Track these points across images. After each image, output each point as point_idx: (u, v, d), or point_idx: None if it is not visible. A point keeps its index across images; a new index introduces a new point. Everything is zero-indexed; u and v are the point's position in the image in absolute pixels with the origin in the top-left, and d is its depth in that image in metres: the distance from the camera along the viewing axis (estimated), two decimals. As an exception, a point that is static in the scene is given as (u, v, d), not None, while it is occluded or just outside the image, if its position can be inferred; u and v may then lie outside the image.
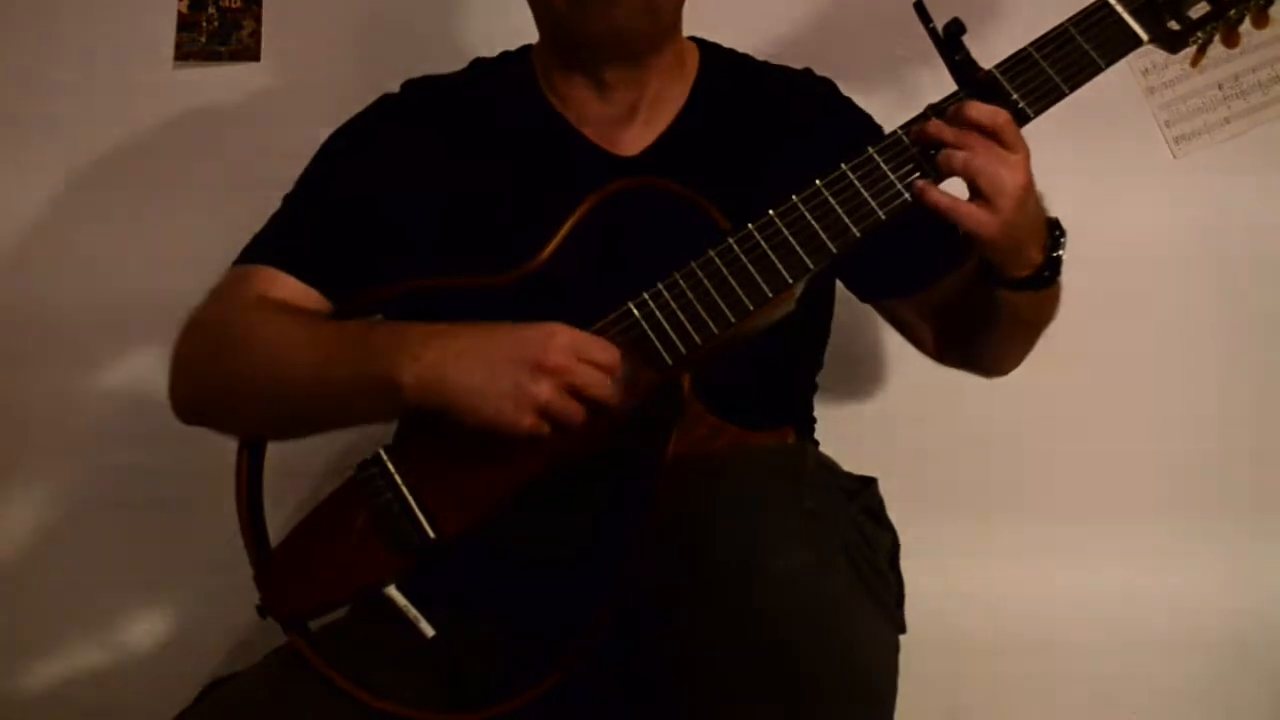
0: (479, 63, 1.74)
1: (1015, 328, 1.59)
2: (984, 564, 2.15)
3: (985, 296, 1.51)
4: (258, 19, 2.19)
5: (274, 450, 1.55)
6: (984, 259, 1.44)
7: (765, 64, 1.74)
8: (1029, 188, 1.38)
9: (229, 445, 1.55)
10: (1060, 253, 1.45)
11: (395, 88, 1.71)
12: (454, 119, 1.65)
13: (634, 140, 1.63)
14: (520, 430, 1.34)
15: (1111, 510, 2.16)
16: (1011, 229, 1.38)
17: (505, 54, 1.74)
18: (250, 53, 2.20)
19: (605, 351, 1.37)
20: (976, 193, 1.36)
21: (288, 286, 1.55)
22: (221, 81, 2.21)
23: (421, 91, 1.69)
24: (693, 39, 1.72)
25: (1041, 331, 1.62)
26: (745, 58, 1.74)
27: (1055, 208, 1.96)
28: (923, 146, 1.38)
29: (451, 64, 1.74)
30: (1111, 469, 2.16)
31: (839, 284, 1.75)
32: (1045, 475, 2.15)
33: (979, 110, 1.36)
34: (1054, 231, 1.45)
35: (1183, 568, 2.17)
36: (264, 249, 1.60)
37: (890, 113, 1.46)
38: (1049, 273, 1.45)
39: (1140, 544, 2.17)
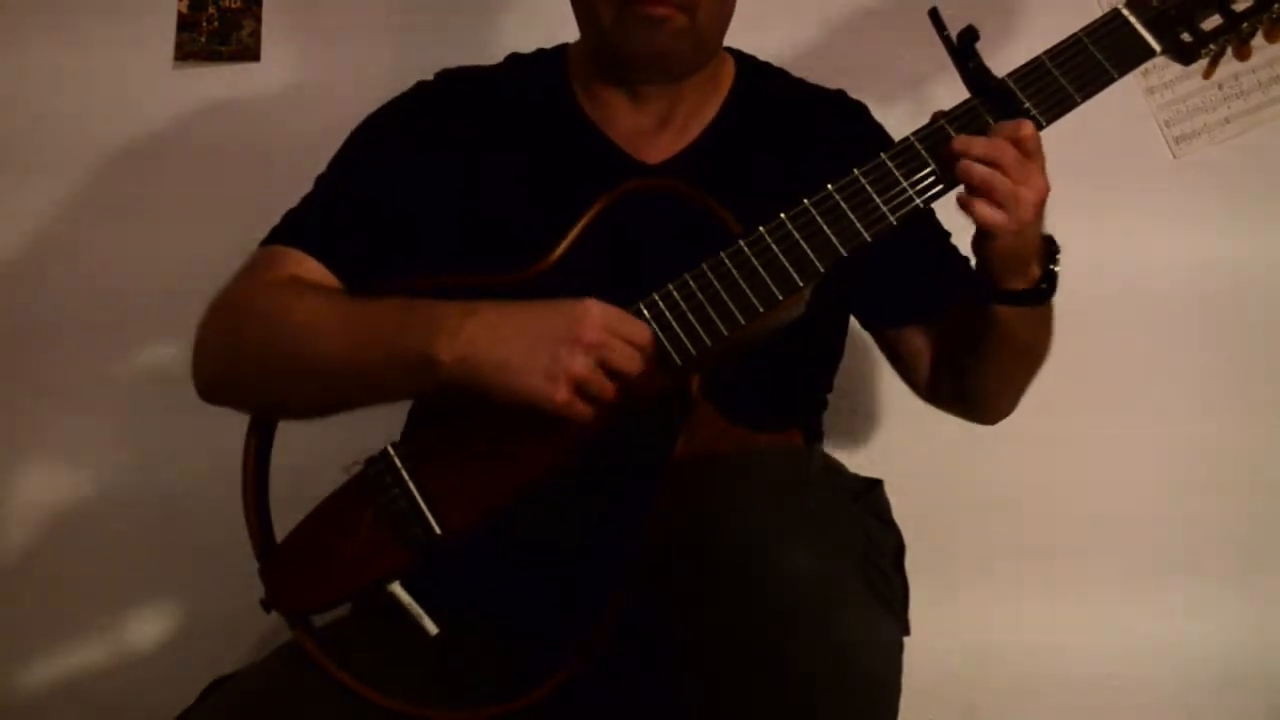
0: (514, 58, 1.74)
1: (1010, 354, 1.57)
2: (990, 565, 2.16)
3: (982, 317, 1.52)
4: (258, 19, 2.19)
5: (281, 446, 1.55)
6: (986, 269, 1.45)
7: (800, 81, 1.75)
8: (1044, 197, 1.41)
9: (232, 444, 1.55)
10: (1056, 268, 1.47)
11: (395, 88, 1.70)
12: (485, 114, 1.65)
13: (661, 148, 1.64)
14: (554, 404, 1.33)
15: (1112, 509, 2.17)
16: (1022, 234, 1.40)
17: (541, 51, 1.74)
18: (250, 53, 2.20)
19: (638, 328, 1.37)
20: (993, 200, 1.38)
21: (313, 270, 1.55)
22: (221, 81, 2.21)
23: (456, 83, 1.69)
24: (729, 50, 1.72)
25: (1035, 365, 1.62)
26: (781, 73, 1.75)
27: (1055, 208, 1.97)
28: (935, 152, 1.39)
29: (451, 63, 1.73)
30: (1113, 469, 2.17)
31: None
32: (1047, 476, 2.16)
33: (1003, 126, 1.38)
34: (1050, 247, 1.47)
35: (1187, 572, 2.19)
36: (292, 231, 1.60)
37: (905, 120, 1.46)
38: (1046, 285, 1.46)
39: (1143, 549, 2.19)
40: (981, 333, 1.54)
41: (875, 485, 1.58)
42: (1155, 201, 2.14)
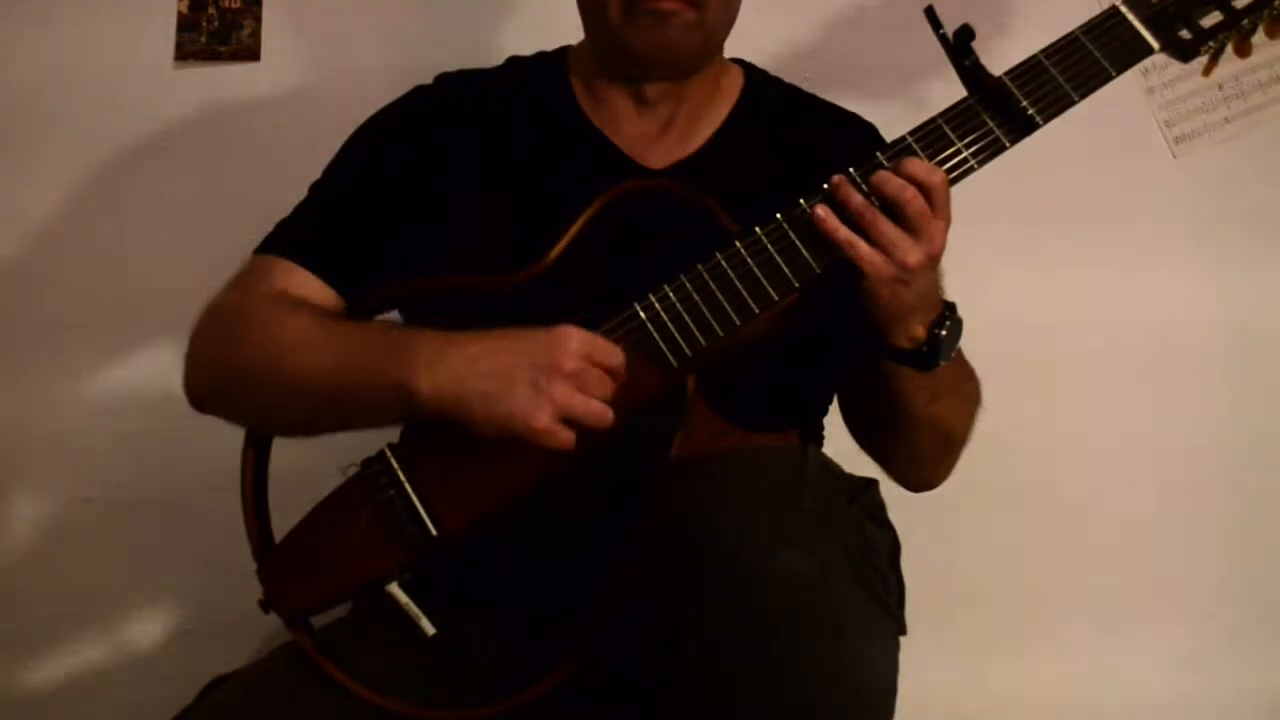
0: (514, 61, 1.73)
1: (912, 422, 1.55)
2: (986, 563, 2.17)
3: (874, 371, 1.50)
4: (258, 19, 2.19)
5: (280, 447, 1.55)
6: (868, 315, 1.43)
7: (811, 96, 1.74)
8: (937, 257, 1.40)
9: (232, 444, 1.56)
10: (943, 334, 1.44)
11: (395, 88, 1.70)
12: (484, 118, 1.65)
13: (664, 154, 1.63)
14: (535, 433, 1.33)
15: (1110, 500, 2.18)
16: (896, 289, 1.39)
17: (541, 54, 1.73)
18: (250, 53, 2.19)
19: (614, 354, 1.37)
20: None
21: (304, 282, 1.55)
22: (221, 81, 2.21)
23: (455, 87, 1.69)
24: (737, 61, 1.72)
25: (951, 441, 1.60)
26: (791, 87, 1.74)
27: (1057, 207, 1.97)
28: (930, 152, 1.39)
29: (451, 64, 1.73)
30: (1111, 465, 2.18)
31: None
32: (1044, 472, 2.17)
33: (917, 166, 1.37)
34: (945, 313, 1.45)
35: (1181, 545, 2.20)
36: (286, 241, 1.60)
37: (900, 119, 1.46)
38: (928, 349, 1.44)
39: (1139, 534, 2.20)
40: (876, 389, 1.53)
41: (871, 485, 1.56)
42: (1155, 201, 2.14)
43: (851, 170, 1.39)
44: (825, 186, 1.39)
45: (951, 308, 1.45)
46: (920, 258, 1.37)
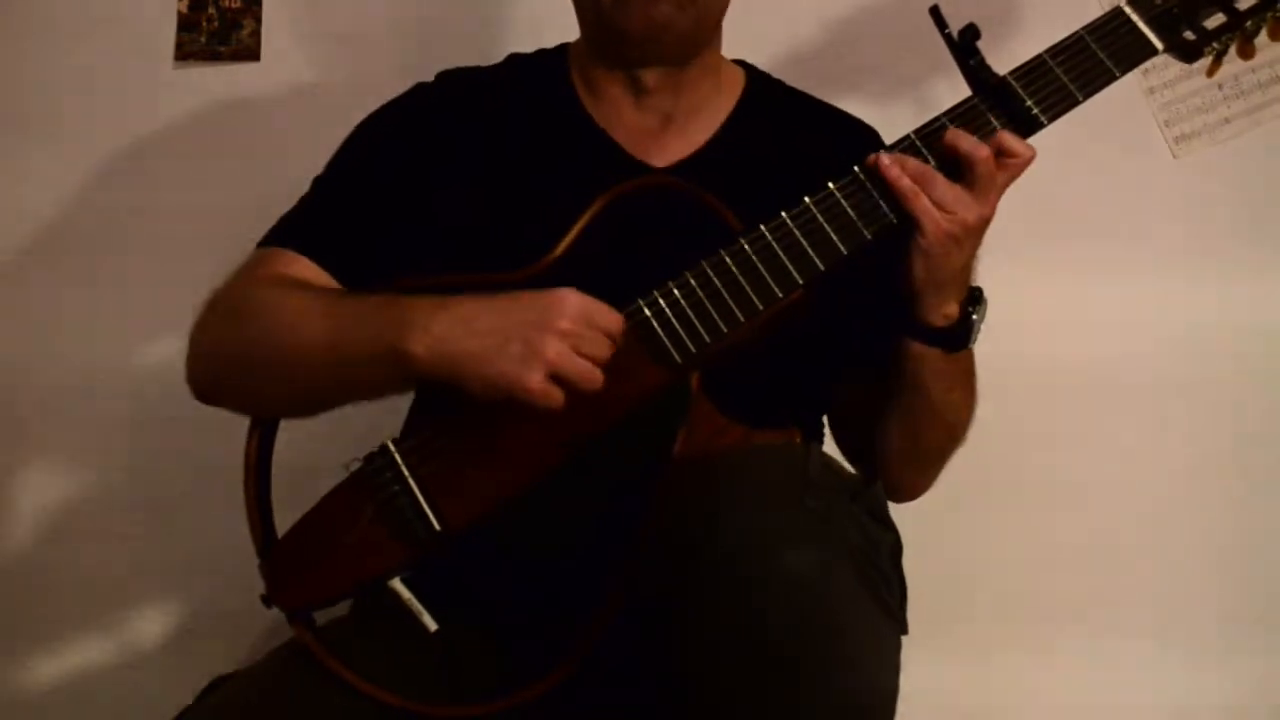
0: (515, 58, 1.73)
1: (919, 411, 1.55)
2: (986, 561, 2.17)
3: (893, 359, 1.51)
4: (258, 19, 2.19)
5: (281, 444, 1.55)
6: (904, 289, 1.45)
7: (813, 100, 1.74)
8: (989, 219, 1.42)
9: (233, 442, 1.55)
10: (975, 316, 1.46)
11: (395, 88, 1.70)
12: (486, 116, 1.64)
13: (667, 152, 1.63)
14: (528, 390, 1.32)
15: (1114, 508, 2.18)
16: (950, 248, 1.40)
17: (542, 52, 1.73)
18: (250, 53, 2.20)
19: (611, 316, 1.37)
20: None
21: (307, 271, 1.56)
22: (221, 81, 2.21)
23: (456, 84, 1.69)
24: (740, 63, 1.72)
25: (944, 437, 1.60)
26: (793, 90, 1.74)
27: (1057, 207, 1.97)
28: (933, 148, 1.40)
29: (451, 63, 1.73)
30: (1111, 467, 2.18)
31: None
32: (1045, 470, 2.17)
33: (1005, 135, 1.39)
34: (974, 294, 1.47)
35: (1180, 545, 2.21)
36: (288, 232, 1.60)
37: (905, 119, 1.46)
38: (961, 331, 1.46)
39: (1133, 536, 2.20)
40: (891, 380, 1.53)
41: (872, 483, 1.56)
42: (1155, 201, 2.14)
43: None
44: (831, 185, 1.41)
45: (980, 291, 1.47)
46: (976, 217, 1.39)
